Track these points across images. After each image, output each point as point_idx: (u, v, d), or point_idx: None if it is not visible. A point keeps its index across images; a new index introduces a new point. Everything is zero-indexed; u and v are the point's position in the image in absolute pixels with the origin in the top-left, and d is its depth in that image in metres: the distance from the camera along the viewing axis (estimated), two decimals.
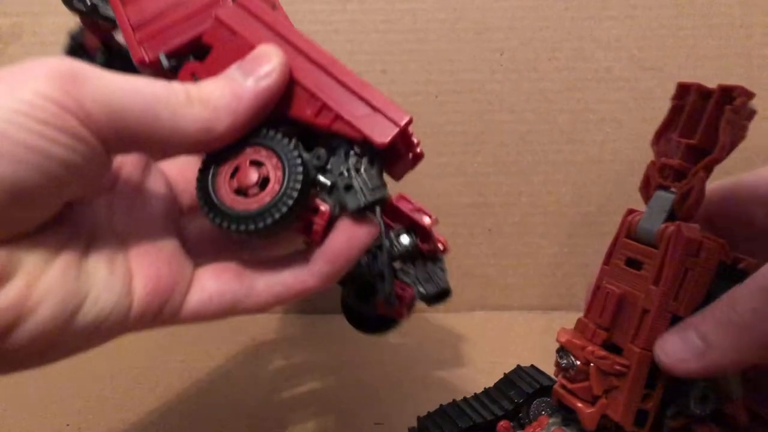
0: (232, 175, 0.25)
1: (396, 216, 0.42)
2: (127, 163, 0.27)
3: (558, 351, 0.29)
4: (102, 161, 0.22)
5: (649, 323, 0.26)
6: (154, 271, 0.25)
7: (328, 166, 0.26)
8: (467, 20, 0.57)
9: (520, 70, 0.58)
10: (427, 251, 0.43)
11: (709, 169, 0.27)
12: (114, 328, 0.24)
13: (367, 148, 0.26)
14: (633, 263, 0.28)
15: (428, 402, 0.36)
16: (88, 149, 0.21)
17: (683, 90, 0.28)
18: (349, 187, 0.25)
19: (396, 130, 0.25)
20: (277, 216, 0.24)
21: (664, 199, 0.27)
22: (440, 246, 0.44)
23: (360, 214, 0.26)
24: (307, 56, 0.26)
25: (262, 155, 0.25)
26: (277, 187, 0.25)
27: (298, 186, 0.24)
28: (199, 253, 0.28)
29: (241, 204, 0.25)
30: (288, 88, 0.26)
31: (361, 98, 0.26)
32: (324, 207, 0.26)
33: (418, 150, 0.29)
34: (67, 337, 0.23)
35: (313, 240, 0.26)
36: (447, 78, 0.58)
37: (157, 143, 0.23)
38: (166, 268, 0.26)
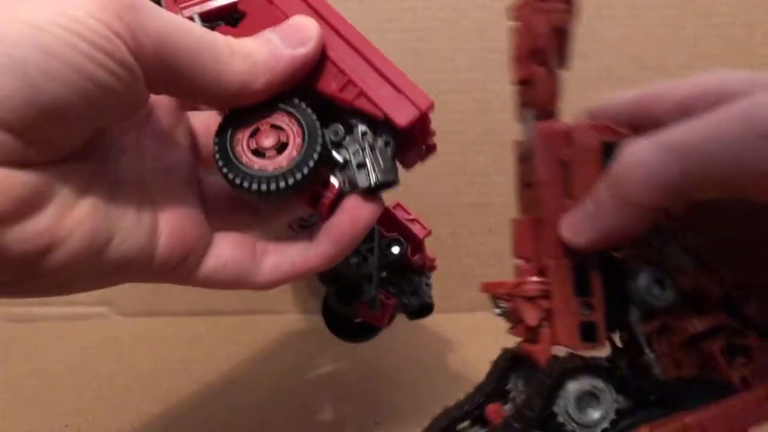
0: (252, 135, 0.25)
1: (391, 223, 0.42)
2: (159, 107, 0.27)
3: (491, 303, 0.28)
4: (140, 95, 0.22)
5: (546, 224, 0.25)
6: (178, 224, 0.26)
7: (344, 143, 0.26)
8: (468, 19, 0.57)
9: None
10: (416, 264, 0.43)
11: (536, 58, 0.27)
12: (137, 271, 0.25)
13: (384, 129, 0.26)
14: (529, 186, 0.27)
15: (428, 402, 0.36)
16: (131, 79, 0.21)
17: (514, 9, 0.28)
18: (361, 166, 0.26)
19: (417, 113, 0.26)
20: (290, 181, 0.24)
21: (528, 113, 0.27)
22: (429, 262, 0.44)
23: (368, 194, 0.26)
24: (339, 33, 0.26)
25: (284, 121, 0.25)
26: (294, 153, 0.25)
27: (316, 156, 0.25)
28: (211, 216, 0.28)
29: (256, 164, 0.25)
30: (318, 61, 0.26)
31: (387, 79, 0.26)
32: (334, 181, 0.26)
33: (432, 141, 0.29)
34: (95, 271, 0.23)
35: (320, 214, 0.26)
36: (447, 78, 0.58)
37: (196, 88, 0.23)
38: (189, 224, 0.26)
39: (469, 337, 0.55)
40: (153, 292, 0.60)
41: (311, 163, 0.25)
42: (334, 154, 0.26)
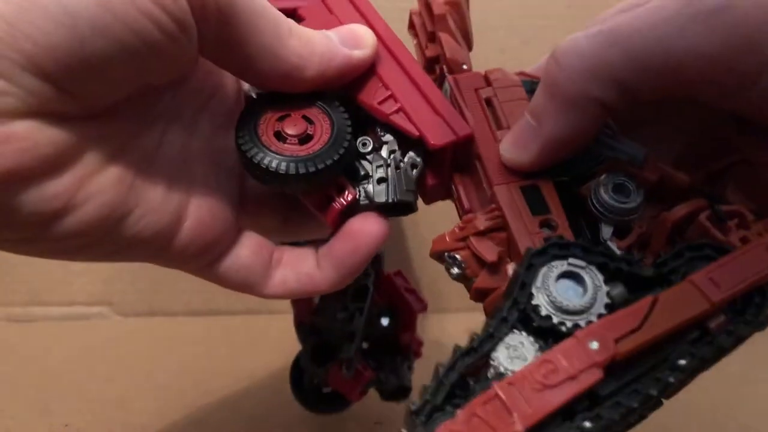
0: (280, 120, 0.25)
1: (388, 289, 0.40)
2: (227, 86, 0.27)
3: (446, 267, 0.24)
4: (190, 58, 0.22)
5: (483, 158, 0.25)
6: (207, 215, 0.25)
7: (370, 157, 0.26)
8: None
9: (521, 69, 0.58)
10: (402, 344, 0.40)
11: (438, 24, 0.29)
12: (152, 252, 0.24)
13: (415, 151, 0.26)
14: None
15: None
16: (185, 41, 0.20)
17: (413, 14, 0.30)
18: (382, 181, 0.26)
19: (453, 137, 0.25)
20: (302, 170, 0.24)
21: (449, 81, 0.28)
22: (416, 346, 0.41)
23: (381, 212, 0.26)
24: (390, 50, 0.27)
25: (317, 116, 0.25)
26: (316, 147, 0.25)
27: (336, 157, 0.24)
28: (244, 213, 0.27)
29: (274, 145, 0.24)
30: (366, 71, 0.26)
31: (429, 102, 0.26)
32: (350, 189, 0.26)
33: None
34: (108, 243, 0.22)
35: (326, 221, 0.26)
36: None
37: (249, 60, 0.22)
38: (218, 217, 0.25)
39: (466, 338, 0.54)
40: (153, 292, 0.60)
41: (329, 162, 0.24)
42: (358, 164, 0.26)
